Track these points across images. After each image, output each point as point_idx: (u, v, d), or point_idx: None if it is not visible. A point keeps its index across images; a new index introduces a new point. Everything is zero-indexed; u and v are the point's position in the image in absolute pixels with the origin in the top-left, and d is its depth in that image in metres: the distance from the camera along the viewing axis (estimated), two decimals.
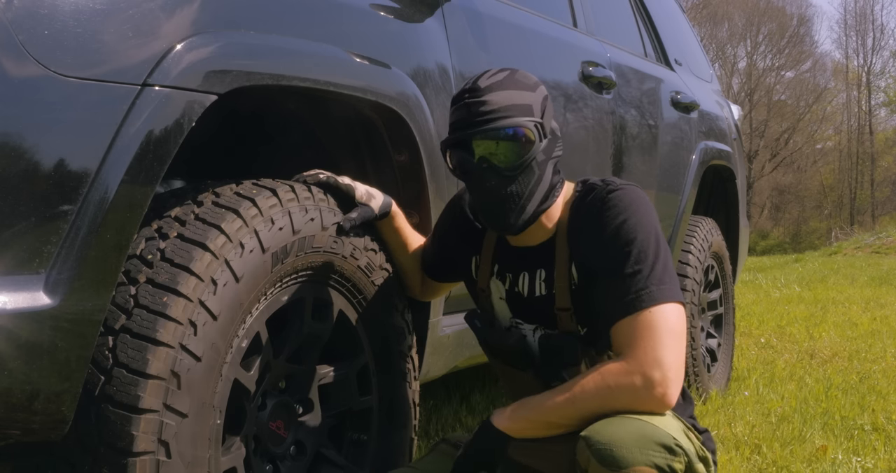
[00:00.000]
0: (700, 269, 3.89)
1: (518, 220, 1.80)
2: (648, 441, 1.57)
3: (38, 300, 1.29)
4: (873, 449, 3.17)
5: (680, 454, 1.59)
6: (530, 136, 1.75)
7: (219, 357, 1.56)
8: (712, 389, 3.98)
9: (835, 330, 6.49)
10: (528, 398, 1.74)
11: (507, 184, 1.77)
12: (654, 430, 1.59)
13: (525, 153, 1.76)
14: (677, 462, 1.58)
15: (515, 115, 1.75)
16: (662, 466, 1.56)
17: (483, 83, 1.77)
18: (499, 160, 1.76)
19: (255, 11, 1.69)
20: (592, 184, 1.84)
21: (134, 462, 1.42)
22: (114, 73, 1.37)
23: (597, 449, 1.57)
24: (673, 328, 1.67)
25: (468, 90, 1.78)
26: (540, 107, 1.79)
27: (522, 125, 1.74)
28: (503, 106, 1.74)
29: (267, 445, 1.81)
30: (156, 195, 1.53)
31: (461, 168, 1.81)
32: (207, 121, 1.56)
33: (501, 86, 1.76)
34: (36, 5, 1.30)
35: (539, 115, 1.78)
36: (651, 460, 1.56)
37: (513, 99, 1.75)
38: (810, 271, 13.38)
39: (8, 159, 1.25)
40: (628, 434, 1.57)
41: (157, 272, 1.50)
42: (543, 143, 1.78)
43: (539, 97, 1.80)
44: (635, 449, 1.56)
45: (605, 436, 1.57)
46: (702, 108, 4.24)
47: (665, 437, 1.58)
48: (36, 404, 1.31)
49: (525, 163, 1.76)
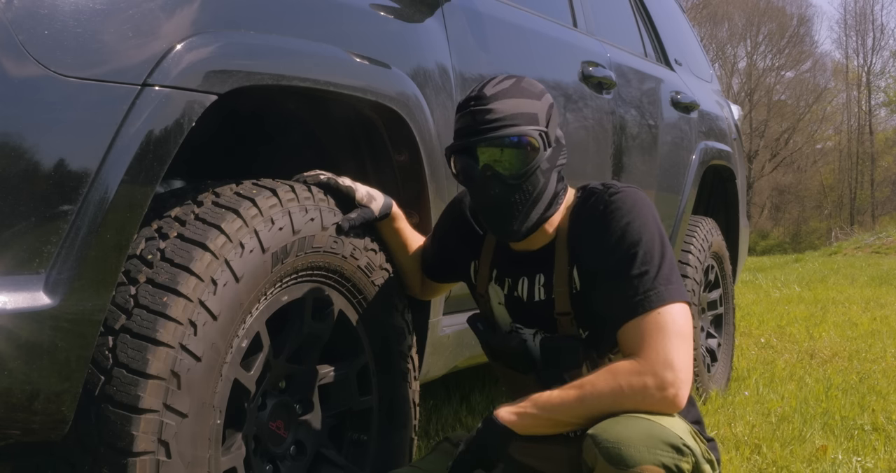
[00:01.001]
0: (700, 269, 3.88)
1: (521, 228, 1.81)
2: (656, 441, 1.57)
3: (38, 300, 1.29)
4: (873, 449, 3.17)
5: (688, 454, 1.59)
6: (535, 144, 1.76)
7: (219, 357, 1.56)
8: (712, 389, 3.98)
9: (835, 330, 6.49)
10: (535, 395, 1.72)
11: (511, 191, 1.77)
12: (661, 430, 1.59)
13: (529, 161, 1.76)
14: (685, 462, 1.58)
15: (521, 124, 1.75)
16: (670, 465, 1.56)
17: (489, 91, 1.77)
18: (503, 168, 1.76)
19: (255, 11, 1.68)
20: (593, 189, 1.84)
21: (134, 462, 1.42)
22: (114, 73, 1.37)
23: (604, 448, 1.57)
24: (682, 329, 1.68)
25: (474, 98, 1.78)
26: (545, 116, 1.79)
27: (527, 134, 1.75)
28: (509, 114, 1.75)
29: (267, 445, 1.80)
30: (156, 195, 1.53)
31: (465, 174, 1.81)
32: (207, 121, 1.56)
33: (507, 94, 1.76)
34: (36, 5, 1.30)
35: (544, 124, 1.78)
36: (659, 459, 1.56)
37: (519, 107, 1.76)
38: (810, 271, 13.38)
39: (8, 159, 1.25)
40: (636, 433, 1.57)
41: (157, 272, 1.50)
42: (548, 152, 1.78)
43: (545, 105, 1.80)
44: (643, 448, 1.56)
45: (612, 435, 1.57)
46: (702, 108, 4.24)
47: (673, 437, 1.58)
48: (36, 404, 1.31)
49: (529, 172, 1.77)
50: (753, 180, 34.56)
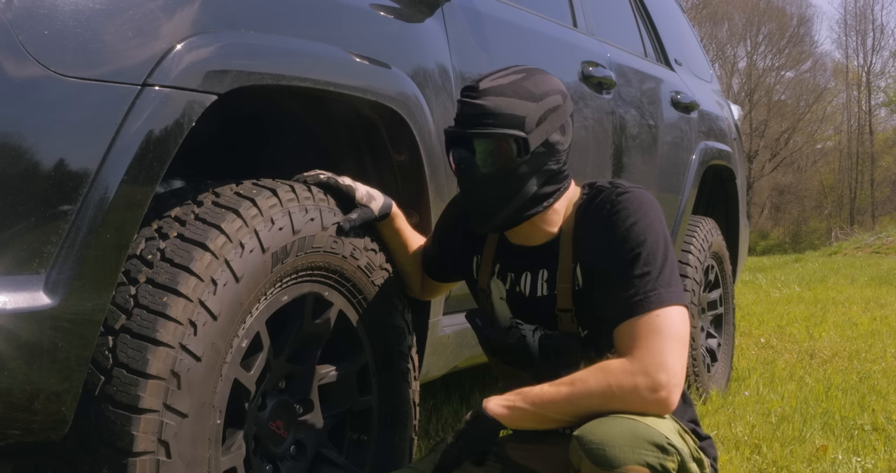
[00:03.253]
0: (700, 269, 3.88)
1: (489, 221, 1.84)
2: (641, 441, 1.56)
3: (38, 300, 1.29)
4: (873, 449, 3.17)
5: (673, 453, 1.58)
6: (507, 149, 1.76)
7: (219, 357, 1.56)
8: (712, 389, 3.98)
9: (835, 330, 6.49)
10: (526, 388, 1.71)
11: (481, 186, 1.80)
12: (646, 430, 1.58)
13: (500, 163, 1.77)
14: (670, 461, 1.57)
15: (500, 126, 1.75)
16: (655, 465, 1.55)
17: (485, 84, 1.77)
18: (478, 162, 1.79)
19: (255, 11, 1.68)
20: (600, 187, 1.84)
21: (134, 462, 1.42)
22: (114, 73, 1.37)
23: (589, 449, 1.56)
24: (678, 332, 1.67)
25: (470, 88, 1.79)
26: (535, 120, 1.77)
27: (501, 137, 1.75)
28: (492, 112, 1.75)
29: (267, 445, 1.80)
30: (156, 195, 1.53)
31: (455, 167, 1.84)
32: (207, 121, 1.56)
33: (501, 91, 1.76)
34: (36, 5, 1.30)
35: (531, 127, 1.76)
36: (643, 459, 1.55)
37: (507, 107, 1.75)
38: (810, 271, 13.38)
39: (8, 159, 1.25)
40: (621, 433, 1.57)
41: (157, 272, 1.50)
42: (526, 157, 1.77)
43: (541, 109, 1.78)
44: (627, 449, 1.55)
45: (597, 436, 1.57)
46: (702, 108, 4.24)
47: (657, 436, 1.57)
48: (36, 404, 1.31)
49: (501, 173, 1.78)
50: (753, 180, 34.56)
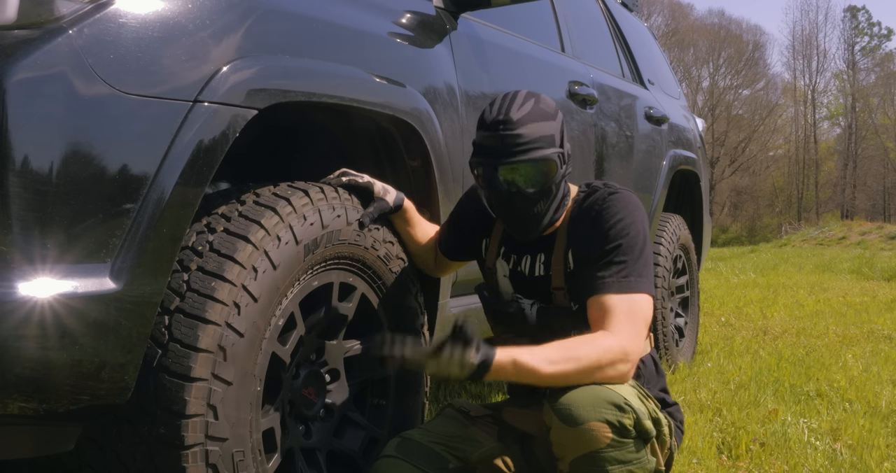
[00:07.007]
0: (670, 258, 3.87)
1: (537, 232, 1.84)
2: (601, 401, 1.58)
3: (104, 285, 1.28)
4: (817, 412, 3.16)
5: (629, 411, 1.59)
6: (555, 165, 1.76)
7: (259, 333, 1.55)
8: (680, 361, 3.96)
9: (784, 311, 6.47)
10: (524, 354, 1.59)
11: (531, 205, 1.79)
12: (607, 392, 1.60)
13: (549, 180, 1.77)
14: (626, 418, 1.59)
15: (544, 147, 1.75)
16: (612, 421, 1.57)
17: (516, 115, 1.73)
18: (526, 184, 1.76)
19: (289, 38, 1.67)
20: (596, 187, 1.86)
21: (186, 423, 1.42)
22: (169, 91, 1.37)
23: (558, 409, 1.59)
24: (646, 316, 1.71)
25: (503, 121, 1.73)
26: (560, 135, 1.79)
27: (549, 157, 1.75)
28: (533, 138, 1.73)
29: (300, 408, 1.80)
30: (205, 195, 1.52)
31: (487, 182, 1.78)
32: (249, 131, 1.55)
33: (531, 118, 1.74)
34: (103, 33, 1.29)
35: (560, 143, 1.78)
36: (603, 416, 1.57)
37: (541, 130, 1.74)
38: (763, 260, 13.34)
39: (79, 164, 1.25)
40: (585, 396, 1.59)
41: (206, 261, 1.50)
42: (566, 167, 1.80)
43: (559, 124, 1.79)
44: (590, 408, 1.57)
45: (565, 399, 1.60)
46: (671, 121, 4.21)
47: (616, 397, 1.60)
48: (103, 373, 1.31)
49: (547, 187, 1.78)
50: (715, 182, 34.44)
